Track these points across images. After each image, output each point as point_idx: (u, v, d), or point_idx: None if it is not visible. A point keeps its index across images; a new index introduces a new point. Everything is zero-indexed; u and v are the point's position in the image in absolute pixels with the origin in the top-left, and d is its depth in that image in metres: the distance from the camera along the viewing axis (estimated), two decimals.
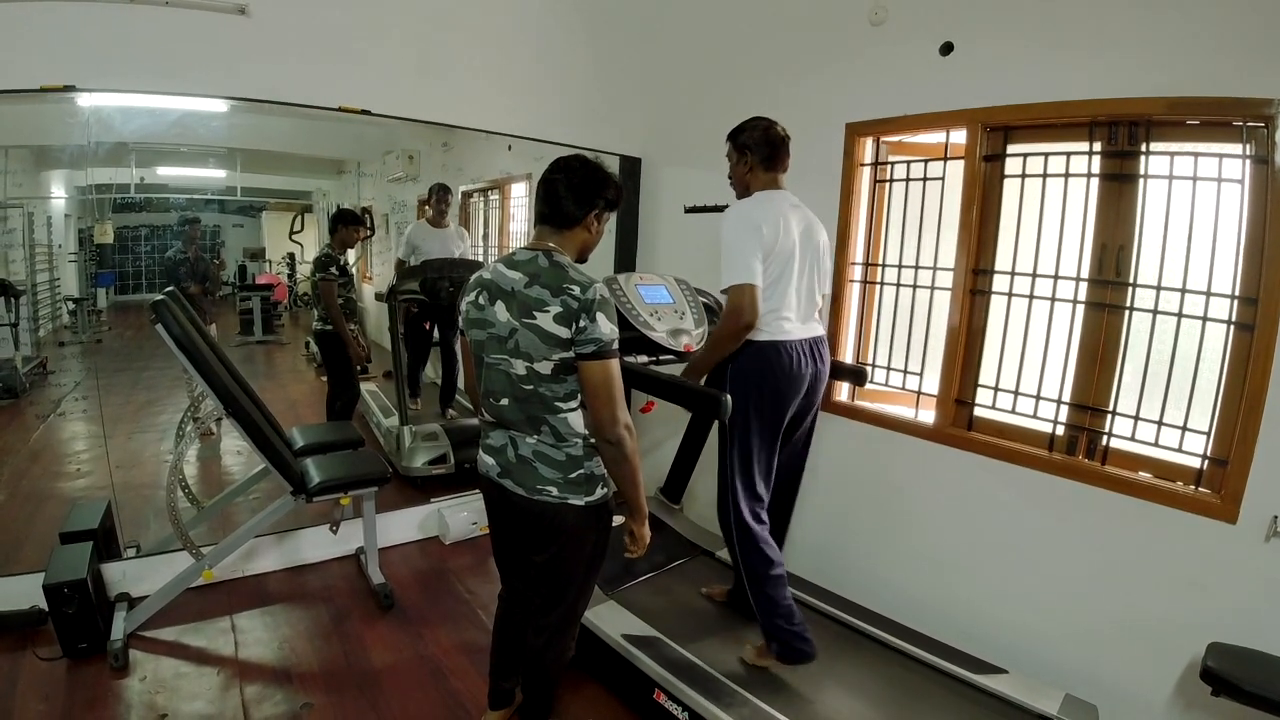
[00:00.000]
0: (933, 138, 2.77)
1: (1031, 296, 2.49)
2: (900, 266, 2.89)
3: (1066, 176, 2.38)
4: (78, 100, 2.81)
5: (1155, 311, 2.22)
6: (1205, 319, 2.12)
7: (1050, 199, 2.44)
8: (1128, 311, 2.28)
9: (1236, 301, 2.05)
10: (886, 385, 2.98)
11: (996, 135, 2.51)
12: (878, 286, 3.00)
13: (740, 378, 2.16)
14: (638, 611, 2.48)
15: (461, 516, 3.55)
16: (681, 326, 2.45)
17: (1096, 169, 2.31)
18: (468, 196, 5.11)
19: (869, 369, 2.90)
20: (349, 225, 3.92)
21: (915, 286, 2.85)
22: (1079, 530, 2.32)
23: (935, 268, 2.76)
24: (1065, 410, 2.43)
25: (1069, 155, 2.36)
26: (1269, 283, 1.95)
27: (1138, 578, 2.20)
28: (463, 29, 3.33)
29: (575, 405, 1.71)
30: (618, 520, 1.85)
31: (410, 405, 4.25)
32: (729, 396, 2.01)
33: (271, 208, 4.94)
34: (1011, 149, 2.51)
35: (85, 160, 3.55)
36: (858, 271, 3.00)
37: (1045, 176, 2.43)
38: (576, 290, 1.62)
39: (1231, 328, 2.06)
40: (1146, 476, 2.22)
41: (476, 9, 3.37)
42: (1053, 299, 2.44)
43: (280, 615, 2.82)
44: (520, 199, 4.70)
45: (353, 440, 3.25)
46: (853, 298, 3.02)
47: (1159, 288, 2.21)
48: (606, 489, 1.82)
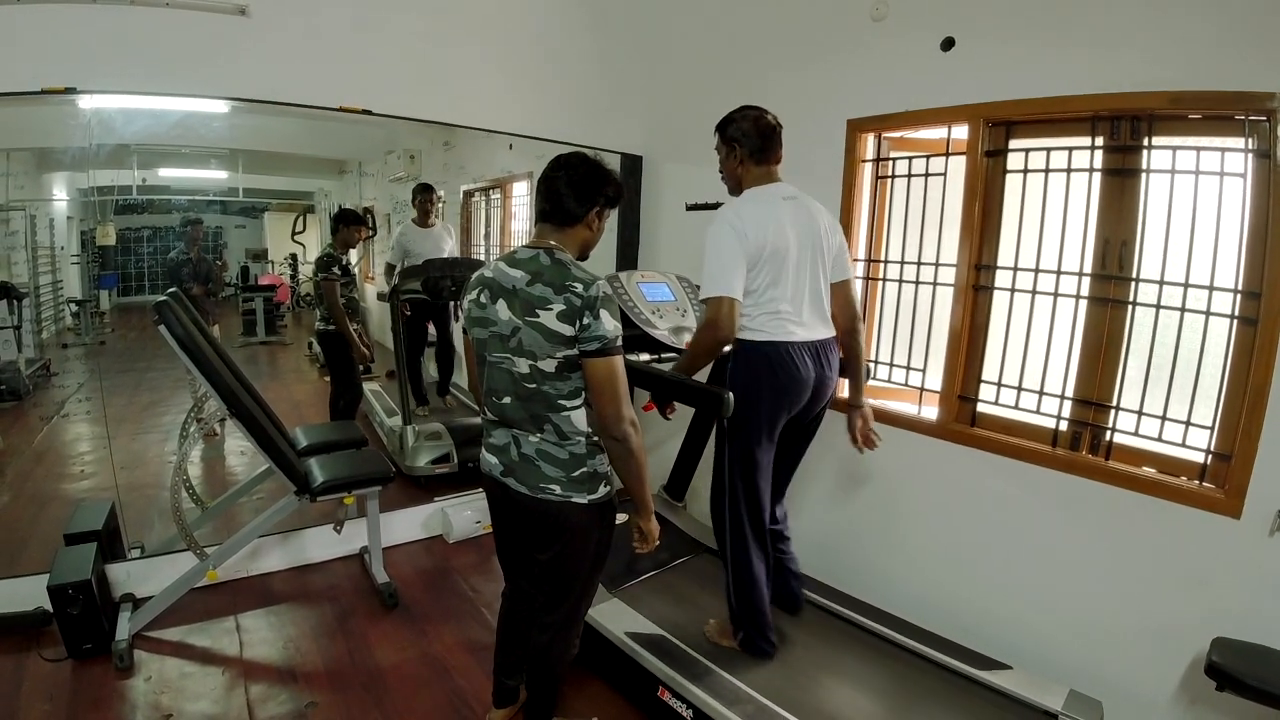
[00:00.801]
0: (934, 133, 2.76)
1: (1034, 292, 2.48)
2: (902, 263, 2.89)
3: (1069, 171, 2.38)
4: (79, 102, 2.81)
5: (1158, 306, 2.21)
6: (1208, 313, 2.11)
7: (1052, 194, 2.43)
8: (1131, 306, 2.27)
9: (1239, 296, 2.05)
10: (889, 381, 2.97)
11: (998, 130, 2.51)
12: (880, 283, 2.99)
13: (740, 377, 2.14)
14: (642, 609, 2.49)
15: (465, 515, 3.56)
16: (683, 324, 2.45)
17: (1099, 164, 2.31)
18: (469, 195, 5.11)
19: (871, 365, 2.89)
20: (351, 225, 3.92)
21: (918, 283, 2.84)
22: (1083, 526, 2.32)
23: (937, 264, 2.76)
24: (1069, 406, 2.42)
25: (1071, 150, 2.35)
26: (1272, 277, 1.94)
27: (1142, 573, 2.19)
28: (464, 28, 3.33)
29: (578, 403, 1.71)
30: (621, 518, 1.85)
31: (418, 411, 4.27)
32: (731, 394, 2.01)
33: (274, 208, 4.95)
34: (1013, 144, 2.50)
35: (87, 162, 3.56)
36: (860, 268, 2.99)
37: (1047, 171, 2.43)
38: (579, 288, 1.62)
39: (1235, 322, 2.06)
40: (1150, 472, 2.21)
41: (477, 8, 3.37)
42: (1055, 294, 2.43)
43: (285, 615, 2.83)
44: (522, 197, 4.70)
45: (356, 440, 3.26)
46: (855, 294, 3.00)
47: (1162, 282, 2.20)
48: (610, 487, 1.82)
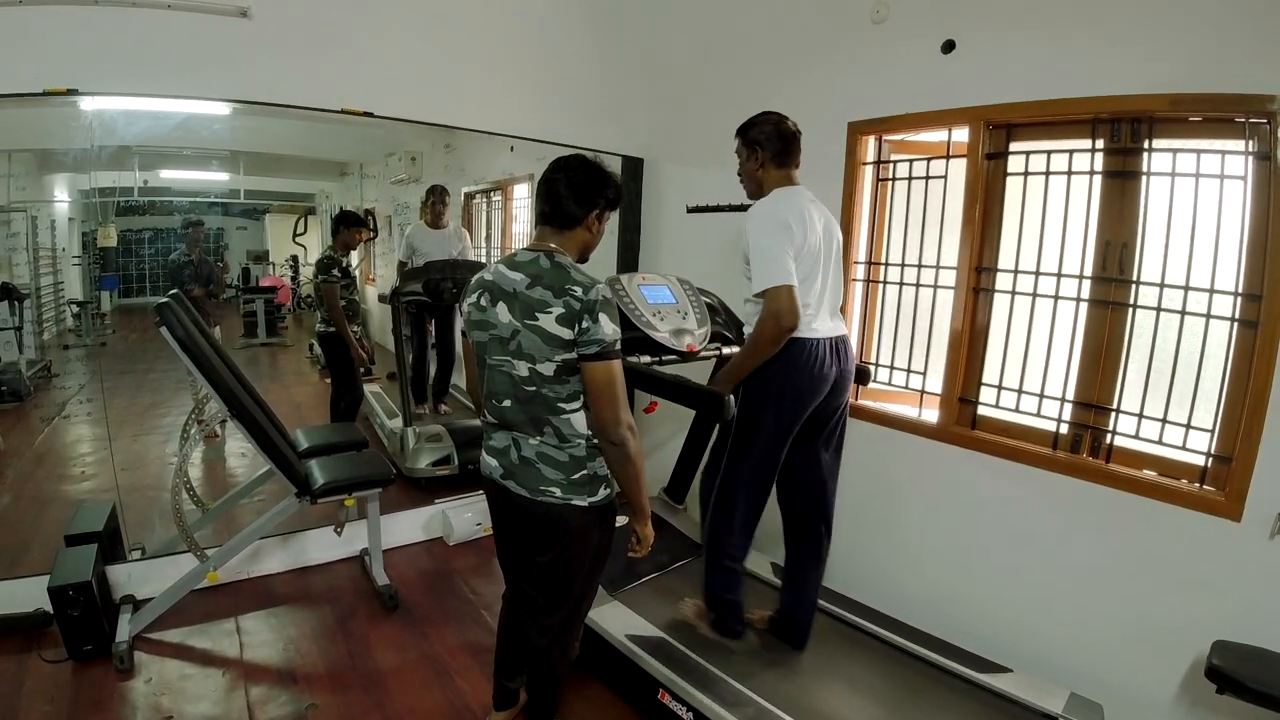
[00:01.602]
0: (935, 136, 2.76)
1: (1035, 294, 2.48)
2: (903, 265, 2.89)
3: (1069, 174, 2.38)
4: (80, 104, 2.81)
5: (1159, 309, 2.21)
6: (1209, 316, 2.11)
7: (1053, 196, 2.43)
8: (1131, 309, 2.27)
9: (1240, 298, 2.05)
10: (890, 384, 2.97)
11: (999, 133, 2.51)
12: (881, 285, 2.99)
13: (763, 376, 2.12)
14: (642, 611, 2.48)
15: (465, 517, 3.56)
16: (684, 326, 2.45)
17: (1099, 166, 2.31)
18: (470, 197, 5.12)
19: (872, 368, 2.89)
20: (351, 227, 3.93)
21: (918, 285, 2.84)
22: (1083, 528, 2.31)
23: (938, 266, 2.76)
24: (1069, 408, 2.42)
25: (1071, 153, 2.36)
26: (1272, 279, 1.94)
27: (1142, 576, 2.19)
28: (465, 30, 3.33)
29: (578, 406, 1.71)
30: (621, 521, 1.85)
31: (417, 410, 4.27)
32: (732, 398, 2.00)
33: (275, 210, 4.96)
34: (1014, 147, 2.50)
35: (88, 164, 3.56)
36: (861, 270, 3.00)
37: (1048, 174, 2.43)
38: (579, 291, 1.62)
39: (1235, 325, 2.06)
40: (1151, 474, 2.21)
41: (479, 10, 3.38)
42: (1056, 297, 2.43)
43: (285, 616, 2.83)
44: (523, 200, 4.71)
45: (357, 442, 3.26)
46: (856, 296, 3.02)
47: (1162, 285, 2.20)
48: (610, 489, 1.82)
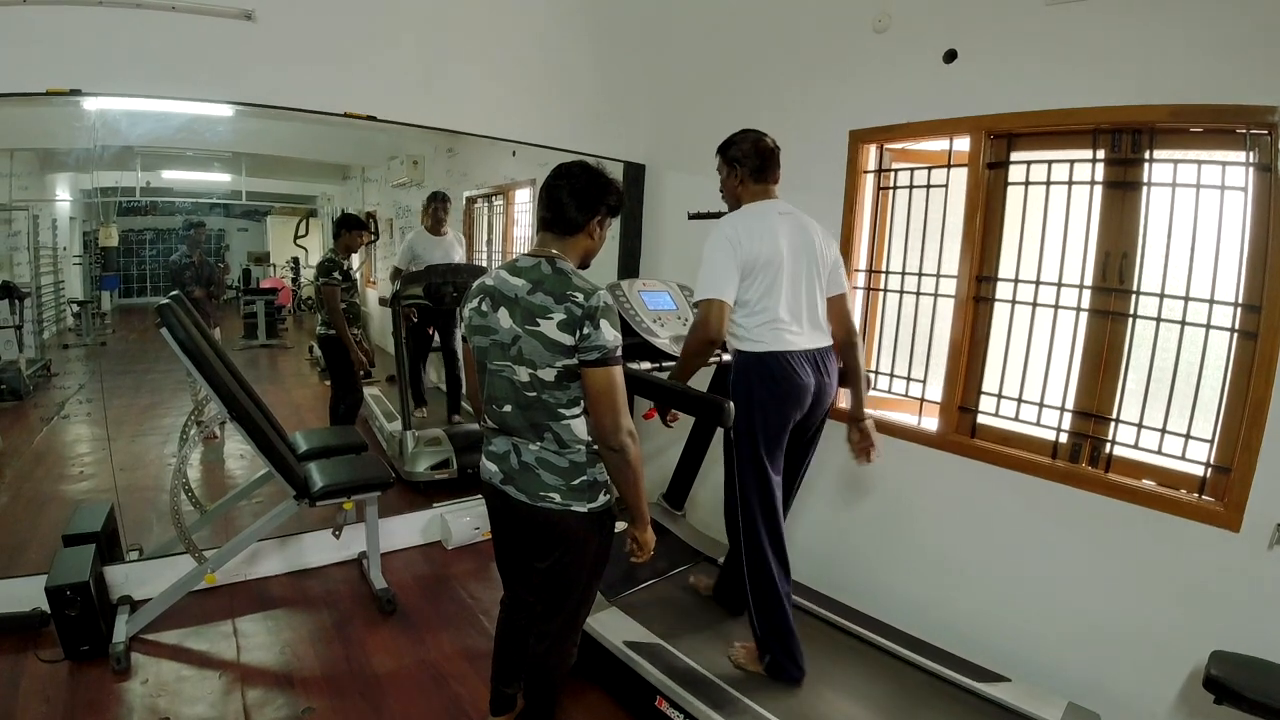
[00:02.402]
0: (936, 145, 2.77)
1: (1035, 304, 2.48)
2: (904, 273, 2.89)
3: (1070, 184, 2.38)
4: (83, 104, 2.83)
5: (1159, 319, 2.21)
6: (1209, 326, 2.11)
7: (1054, 206, 2.44)
8: (1131, 319, 2.27)
9: (1240, 309, 2.05)
10: (890, 392, 2.98)
11: (1000, 142, 2.52)
12: (881, 293, 3.00)
13: (742, 388, 2.16)
14: (640, 618, 2.48)
15: (464, 521, 3.55)
16: (684, 333, 2.45)
17: (1100, 176, 2.31)
18: (472, 202, 5.13)
19: (872, 376, 2.90)
20: (353, 230, 3.93)
21: (919, 294, 2.85)
22: (1082, 538, 2.31)
23: (939, 275, 2.76)
24: (1069, 418, 2.42)
25: (1072, 163, 2.36)
26: (1272, 290, 1.94)
27: (1141, 585, 2.19)
28: (469, 35, 3.34)
29: (578, 412, 1.72)
30: (620, 526, 1.85)
31: (416, 413, 4.26)
32: (732, 404, 2.01)
33: (276, 212, 4.98)
34: (1015, 156, 2.51)
35: (91, 164, 3.57)
36: (861, 278, 3.00)
37: (1049, 184, 2.43)
38: (580, 297, 1.62)
39: (1235, 335, 2.06)
40: (1150, 484, 2.21)
41: (482, 16, 3.39)
42: (1056, 306, 2.43)
43: (282, 619, 2.82)
44: (524, 204, 4.72)
45: (356, 445, 3.26)
46: (856, 305, 3.01)
47: (1162, 295, 2.20)
48: (609, 495, 1.82)
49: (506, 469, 1.79)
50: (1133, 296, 2.26)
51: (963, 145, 2.61)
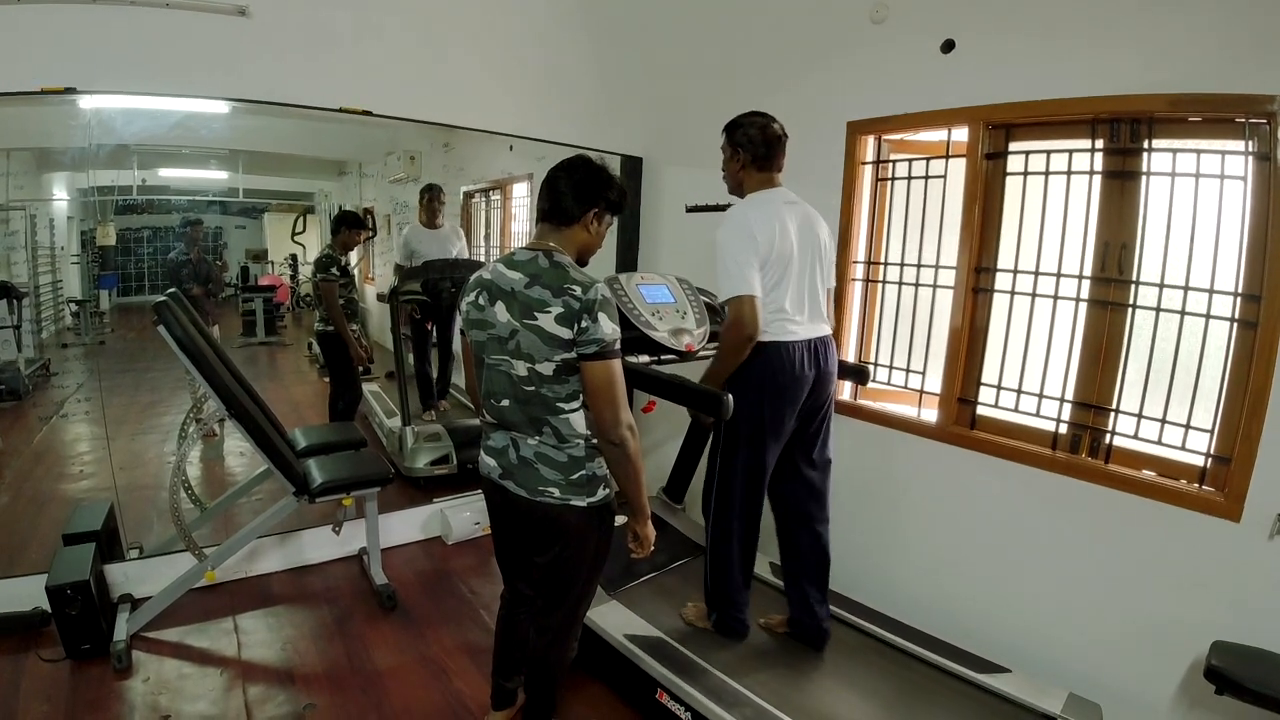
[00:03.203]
0: (934, 136, 2.76)
1: (1034, 295, 2.48)
2: (902, 265, 2.88)
3: (1069, 174, 2.38)
4: (79, 102, 2.81)
5: (1158, 309, 2.21)
6: (1208, 316, 2.11)
7: (1052, 196, 2.43)
8: (1130, 309, 2.27)
9: (1239, 299, 2.04)
10: (889, 384, 2.97)
11: (998, 133, 2.51)
12: (880, 285, 2.99)
13: (744, 379, 2.16)
14: (640, 611, 2.48)
15: (464, 517, 3.56)
16: (683, 326, 2.44)
17: (1099, 166, 2.31)
18: (469, 196, 5.12)
19: (871, 368, 2.89)
20: (351, 227, 3.93)
21: (917, 285, 2.84)
22: (1082, 529, 2.31)
23: (937, 266, 2.75)
24: (1068, 408, 2.42)
25: (1071, 153, 2.35)
26: (1272, 280, 1.94)
27: (1141, 576, 2.19)
28: (464, 29, 3.32)
29: (577, 406, 1.71)
30: (620, 520, 1.85)
31: (425, 415, 4.25)
32: (730, 396, 2.01)
33: (274, 209, 4.96)
34: (1013, 146, 2.50)
35: (87, 162, 3.56)
36: (860, 270, 3.00)
37: (1047, 174, 2.43)
38: (578, 290, 1.61)
39: (1235, 325, 2.06)
40: (1150, 475, 2.21)
41: (478, 9, 3.36)
42: (1055, 297, 2.43)
43: (283, 616, 2.83)
44: (522, 199, 4.71)
45: (355, 441, 3.26)
46: (855, 296, 3.02)
47: (1162, 285, 2.20)
48: (608, 490, 1.81)
49: (505, 464, 1.79)
50: (1132, 286, 2.25)
51: (961, 136, 2.61)
